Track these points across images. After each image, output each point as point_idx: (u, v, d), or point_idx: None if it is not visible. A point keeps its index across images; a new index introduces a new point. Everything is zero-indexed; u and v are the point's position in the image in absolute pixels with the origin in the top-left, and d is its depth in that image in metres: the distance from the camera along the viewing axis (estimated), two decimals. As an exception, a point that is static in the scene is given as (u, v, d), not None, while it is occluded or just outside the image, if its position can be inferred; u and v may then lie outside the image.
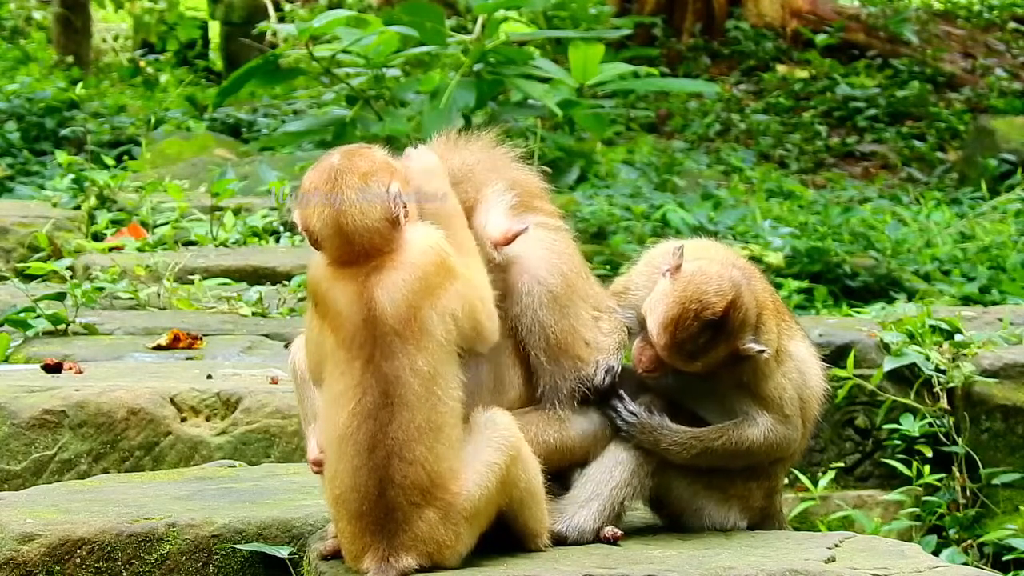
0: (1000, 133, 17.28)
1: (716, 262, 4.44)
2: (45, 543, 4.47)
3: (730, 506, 4.54)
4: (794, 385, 4.52)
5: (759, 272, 4.62)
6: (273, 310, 8.30)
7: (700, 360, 4.36)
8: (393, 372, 3.99)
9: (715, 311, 4.31)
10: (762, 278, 4.61)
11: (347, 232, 4.03)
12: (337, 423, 4.02)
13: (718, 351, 4.36)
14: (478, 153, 4.45)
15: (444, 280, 4.05)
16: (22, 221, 10.22)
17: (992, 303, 10.58)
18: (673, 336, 4.33)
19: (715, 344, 4.34)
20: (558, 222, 4.49)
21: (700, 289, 4.33)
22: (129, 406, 5.81)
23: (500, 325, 4.18)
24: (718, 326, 4.32)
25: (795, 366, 4.54)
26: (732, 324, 4.33)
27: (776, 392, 4.46)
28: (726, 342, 4.35)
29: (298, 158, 13.50)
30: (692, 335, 4.32)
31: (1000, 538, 7.12)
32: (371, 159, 4.13)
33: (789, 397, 4.49)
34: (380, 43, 13.26)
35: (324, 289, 4.08)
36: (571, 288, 4.38)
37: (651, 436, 4.39)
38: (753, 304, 4.41)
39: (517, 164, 4.51)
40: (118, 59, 25.38)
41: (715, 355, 4.37)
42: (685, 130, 19.40)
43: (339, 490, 4.04)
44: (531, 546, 4.24)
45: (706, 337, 4.33)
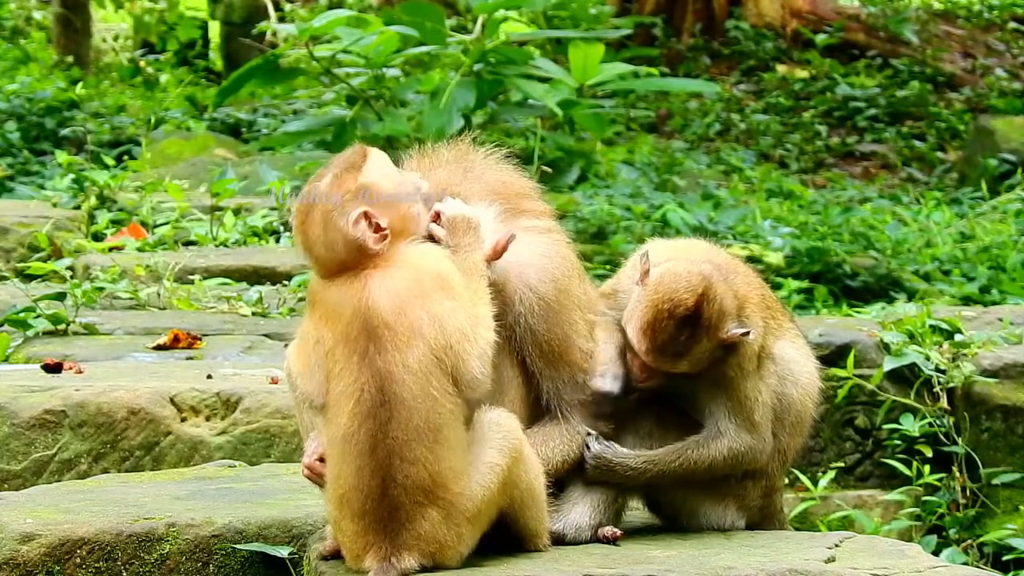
0: (1000, 133, 17.28)
1: (683, 260, 4.42)
2: (45, 543, 4.46)
3: (726, 505, 4.53)
4: (770, 391, 4.48)
5: (746, 268, 4.60)
6: (273, 310, 8.30)
7: (686, 359, 4.34)
8: (387, 367, 3.98)
9: (687, 306, 4.31)
10: (749, 273, 4.58)
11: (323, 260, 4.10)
12: (339, 423, 4.03)
13: (702, 346, 4.34)
14: (456, 164, 4.40)
15: (439, 289, 4.04)
16: (22, 221, 10.22)
17: (992, 303, 10.57)
18: (653, 340, 4.32)
19: (696, 340, 4.33)
20: (549, 222, 4.44)
21: (670, 288, 4.33)
22: (129, 406, 5.82)
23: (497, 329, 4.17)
24: (694, 321, 4.31)
25: (775, 370, 4.50)
26: (708, 316, 4.32)
27: (751, 394, 4.42)
28: (708, 336, 4.33)
29: (298, 158, 13.50)
30: (672, 335, 4.32)
31: (1000, 538, 7.12)
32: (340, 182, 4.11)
33: (762, 403, 4.44)
34: (380, 43, 13.27)
35: (322, 288, 4.11)
36: (564, 294, 4.34)
37: (606, 467, 4.36)
38: (730, 294, 4.38)
39: (499, 166, 4.46)
40: (118, 59, 25.37)
41: (700, 351, 4.35)
42: (685, 130, 19.40)
43: (342, 489, 4.04)
44: (531, 546, 4.24)
45: (686, 334, 4.32)
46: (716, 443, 4.41)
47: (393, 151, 4.30)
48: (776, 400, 4.51)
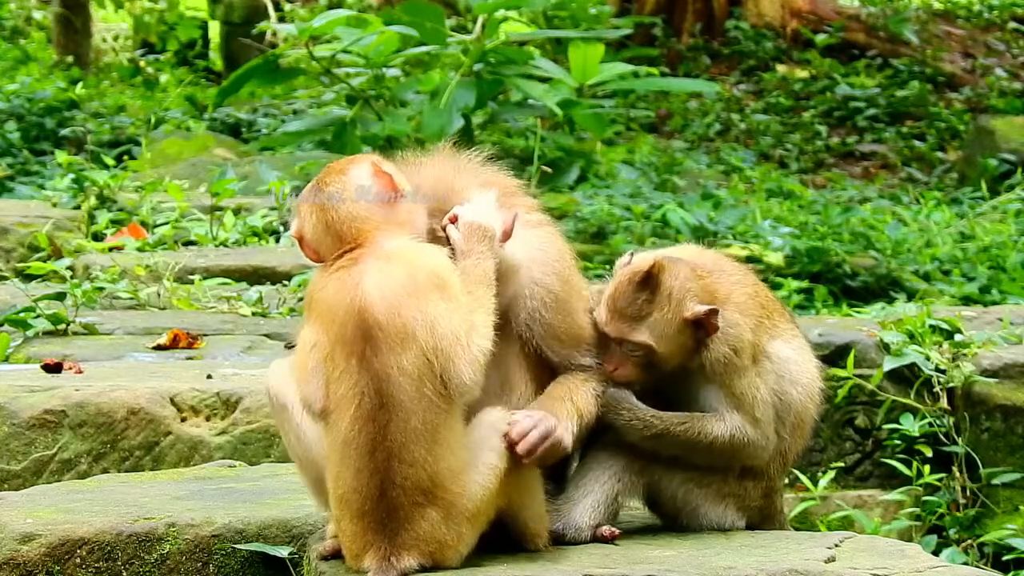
0: (1000, 133, 17.28)
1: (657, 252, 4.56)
2: (45, 543, 4.47)
3: (726, 505, 4.53)
4: (769, 388, 4.49)
5: (738, 268, 4.61)
6: (273, 310, 8.30)
7: (645, 325, 4.38)
8: (383, 369, 3.98)
9: (642, 271, 4.41)
10: (740, 272, 4.59)
11: (336, 226, 4.08)
12: (340, 428, 4.02)
13: (663, 317, 4.38)
14: (445, 165, 4.42)
15: (434, 289, 4.02)
16: (22, 221, 10.22)
17: (992, 303, 10.57)
18: (613, 306, 4.41)
19: (654, 305, 4.39)
20: (539, 215, 4.48)
21: (633, 265, 4.47)
22: (129, 406, 5.81)
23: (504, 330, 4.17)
24: (652, 286, 4.39)
25: (773, 368, 4.52)
26: (667, 286, 4.39)
27: (748, 391, 4.44)
28: (668, 306, 4.39)
29: (298, 158, 13.49)
30: (629, 299, 4.40)
31: (1000, 538, 7.12)
32: (348, 158, 4.22)
33: (761, 399, 4.46)
34: (380, 43, 13.28)
35: (318, 289, 4.09)
36: (567, 284, 4.38)
37: (614, 408, 4.40)
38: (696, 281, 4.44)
39: (484, 167, 4.48)
40: (118, 59, 25.38)
41: (662, 322, 4.38)
42: (685, 130, 19.40)
43: (342, 490, 4.05)
44: (531, 546, 4.24)
45: (643, 297, 4.39)
46: (720, 424, 4.43)
47: (393, 151, 4.30)
48: (777, 399, 4.51)
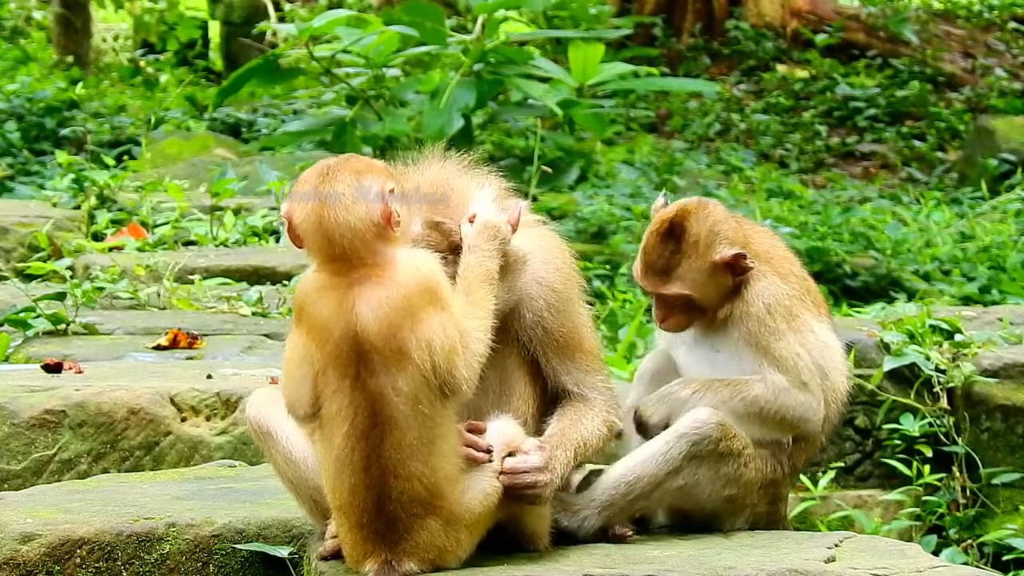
0: (1000, 133, 17.28)
1: None
2: (45, 543, 4.47)
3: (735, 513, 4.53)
4: (814, 358, 4.45)
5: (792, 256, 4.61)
6: (273, 310, 8.29)
7: (675, 276, 4.41)
8: (378, 389, 3.96)
9: (669, 219, 4.44)
10: (791, 256, 4.60)
11: (328, 228, 3.96)
12: (334, 444, 4.01)
13: (692, 264, 4.41)
14: (438, 166, 4.41)
15: (428, 305, 3.98)
16: (22, 221, 10.21)
17: (992, 303, 10.57)
18: (645, 260, 4.46)
19: (683, 255, 4.41)
20: (535, 215, 4.49)
21: (660, 216, 4.50)
22: (129, 406, 5.81)
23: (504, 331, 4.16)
24: (677, 235, 4.42)
25: (816, 340, 4.47)
26: (695, 232, 4.41)
27: (789, 353, 4.41)
28: (697, 253, 4.40)
29: (298, 158, 13.49)
30: (658, 252, 4.44)
31: (1000, 538, 7.12)
32: (368, 162, 4.09)
33: (806, 365, 4.42)
34: (380, 43, 13.27)
35: (310, 302, 4.02)
36: (569, 282, 4.39)
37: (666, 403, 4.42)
38: (732, 225, 4.45)
39: (474, 170, 4.47)
40: (118, 59, 25.38)
41: (691, 270, 4.41)
42: (685, 130, 19.40)
43: (339, 502, 4.06)
44: (531, 547, 4.24)
45: (670, 248, 4.42)
46: (759, 385, 4.41)
47: (393, 151, 4.29)
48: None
